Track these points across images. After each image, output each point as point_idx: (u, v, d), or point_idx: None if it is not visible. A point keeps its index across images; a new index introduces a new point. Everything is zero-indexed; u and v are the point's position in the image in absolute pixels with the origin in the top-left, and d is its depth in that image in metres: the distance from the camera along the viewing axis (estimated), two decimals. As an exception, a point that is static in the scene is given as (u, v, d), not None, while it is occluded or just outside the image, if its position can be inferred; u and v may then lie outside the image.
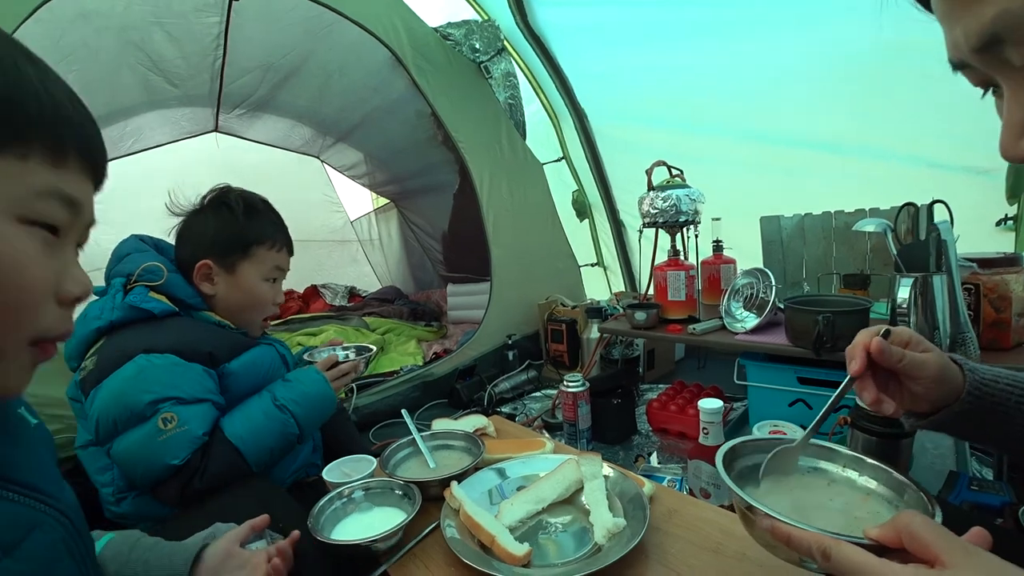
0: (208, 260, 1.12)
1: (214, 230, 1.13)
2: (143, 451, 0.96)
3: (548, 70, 2.61)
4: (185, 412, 0.98)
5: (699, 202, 1.72)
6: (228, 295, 1.16)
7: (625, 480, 0.96)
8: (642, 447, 1.70)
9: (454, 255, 3.79)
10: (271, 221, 1.19)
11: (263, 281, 1.18)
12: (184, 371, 1.02)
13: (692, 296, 1.77)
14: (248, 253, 1.15)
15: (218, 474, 0.99)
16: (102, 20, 2.04)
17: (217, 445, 1.01)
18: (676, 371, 2.45)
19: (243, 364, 1.13)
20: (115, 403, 0.96)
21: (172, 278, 1.09)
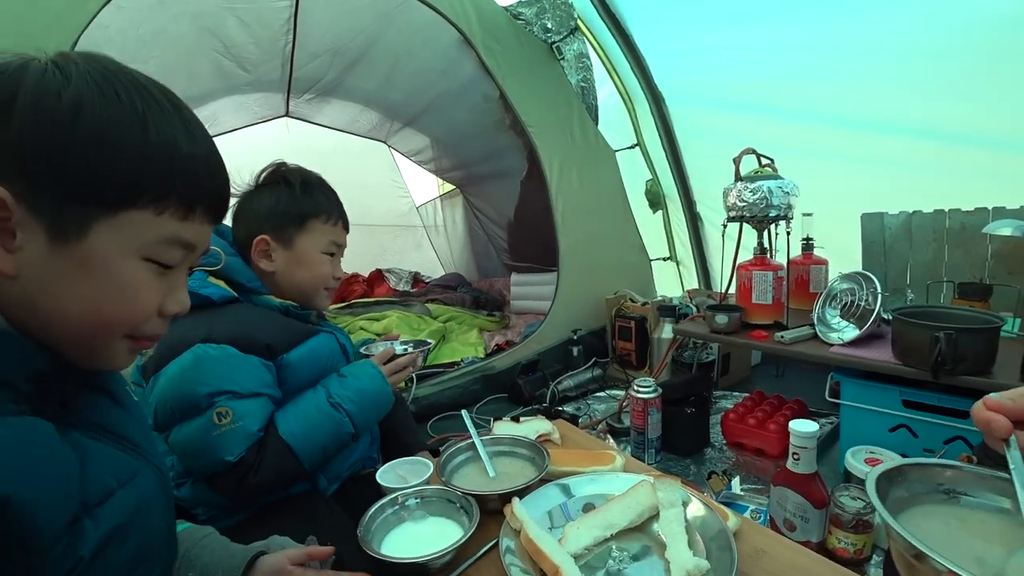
0: (265, 235, 1.10)
1: (270, 204, 1.11)
2: (198, 444, 0.95)
3: (624, 50, 2.45)
4: (240, 407, 0.97)
5: (792, 195, 1.55)
6: (288, 270, 1.13)
7: (708, 512, 0.85)
8: (715, 462, 1.57)
9: (519, 243, 3.72)
10: (326, 195, 1.16)
11: (322, 255, 1.15)
12: (241, 363, 0.99)
13: (779, 299, 1.61)
14: (304, 226, 1.12)
15: (272, 471, 0.98)
16: (178, 7, 2.08)
17: (271, 442, 0.99)
18: (752, 378, 2.28)
19: (302, 355, 1.09)
20: (172, 393, 0.95)
21: (231, 262, 1.07)
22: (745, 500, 1.17)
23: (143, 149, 0.48)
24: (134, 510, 0.53)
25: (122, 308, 0.51)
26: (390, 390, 1.14)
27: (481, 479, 1.01)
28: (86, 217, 0.47)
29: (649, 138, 2.67)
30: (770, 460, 1.54)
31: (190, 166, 0.51)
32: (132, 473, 0.55)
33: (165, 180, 0.49)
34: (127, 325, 0.52)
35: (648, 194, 2.76)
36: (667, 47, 2.36)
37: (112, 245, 0.48)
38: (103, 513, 0.49)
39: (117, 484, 0.52)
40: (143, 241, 0.50)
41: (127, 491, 0.53)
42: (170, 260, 0.53)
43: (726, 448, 1.64)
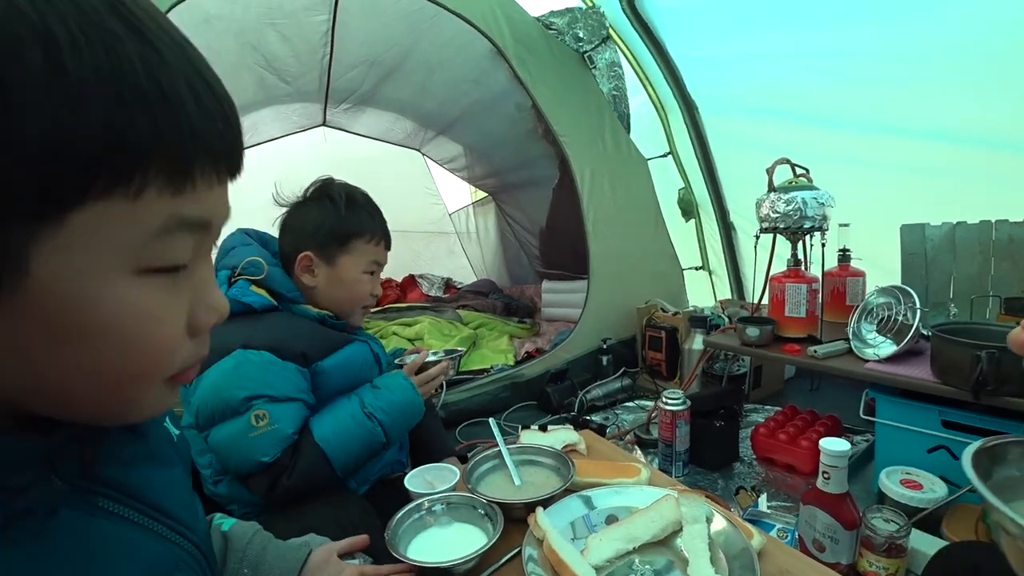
0: (309, 252, 1.14)
1: (315, 221, 1.15)
2: (236, 444, 1.00)
3: (656, 58, 2.44)
4: (276, 410, 1.01)
5: (828, 206, 1.52)
6: (328, 287, 1.16)
7: (732, 530, 0.84)
8: (744, 477, 1.54)
9: (551, 251, 3.72)
10: (370, 215, 1.19)
11: (362, 274, 1.18)
12: (278, 369, 1.04)
13: (813, 312, 1.58)
14: (347, 245, 1.15)
15: (305, 474, 1.02)
16: (223, 24, 2.18)
17: (306, 446, 1.03)
18: (785, 392, 2.22)
19: (336, 363, 1.14)
20: (213, 395, 1.00)
21: (272, 272, 1.11)
22: (772, 518, 1.15)
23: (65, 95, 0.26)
24: None
25: (135, 356, 0.34)
26: (421, 401, 1.18)
27: (506, 487, 1.03)
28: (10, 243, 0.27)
29: (682, 146, 2.65)
30: (801, 477, 1.51)
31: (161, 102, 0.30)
32: (169, 569, 0.43)
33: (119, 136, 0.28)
34: (151, 373, 0.36)
35: (681, 203, 2.74)
36: (700, 54, 2.34)
37: (72, 272, 0.29)
38: None
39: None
40: (124, 246, 0.31)
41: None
42: (179, 257, 0.34)
43: (756, 463, 1.61)
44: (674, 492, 0.93)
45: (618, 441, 1.79)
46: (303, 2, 2.26)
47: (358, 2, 2.27)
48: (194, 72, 0.32)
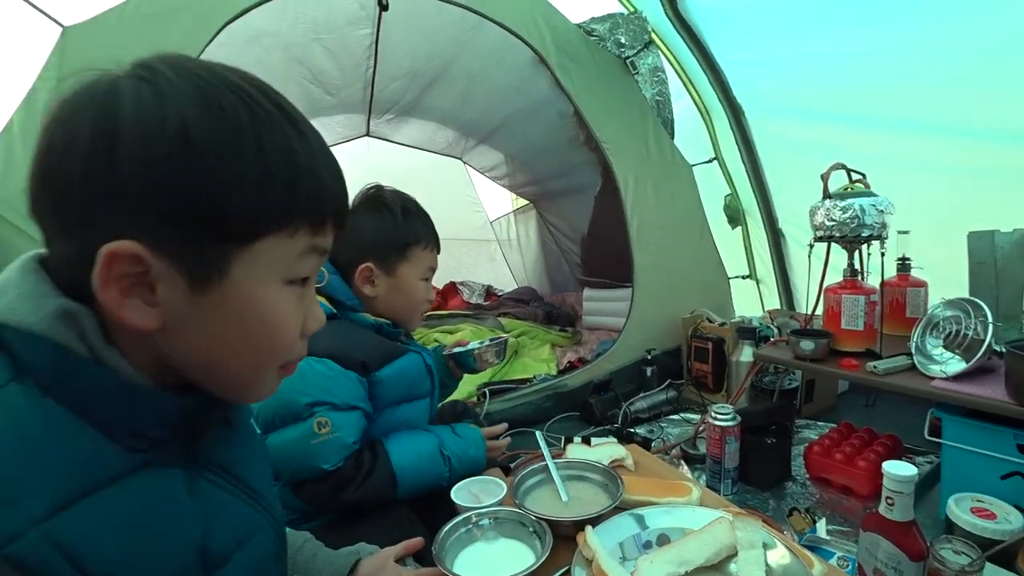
0: (369, 263, 1.15)
1: (373, 231, 1.15)
2: (297, 450, 1.02)
3: (700, 62, 2.39)
4: (338, 419, 1.04)
5: (887, 213, 1.45)
6: (388, 296, 1.18)
7: (792, 559, 0.81)
8: (797, 498, 1.48)
9: (593, 259, 3.69)
10: (424, 222, 1.21)
11: (419, 281, 1.20)
12: (339, 377, 1.06)
13: (872, 325, 1.51)
14: (406, 254, 1.17)
15: (372, 492, 1.05)
16: (271, 39, 2.26)
17: (382, 467, 1.07)
18: (838, 407, 2.12)
19: (392, 373, 1.15)
20: (276, 400, 1.02)
21: (333, 280, 1.13)
22: (831, 545, 1.10)
23: (265, 170, 0.42)
24: (248, 572, 0.51)
25: (270, 343, 0.48)
26: (484, 462, 1.22)
27: (554, 503, 1.02)
28: (225, 256, 0.42)
29: (728, 151, 2.59)
30: (858, 500, 1.43)
31: (313, 178, 0.46)
32: (252, 530, 0.53)
33: (294, 198, 0.44)
34: (277, 358, 0.50)
35: (727, 209, 2.67)
36: (745, 57, 2.28)
37: (252, 279, 0.44)
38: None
39: (237, 546, 0.50)
40: (281, 265, 0.46)
41: (245, 553, 0.50)
42: (307, 271, 0.49)
43: (809, 483, 1.55)
44: (728, 514, 0.90)
45: (664, 456, 1.76)
46: (347, 17, 2.32)
47: (401, 16, 2.31)
48: (329, 157, 0.49)
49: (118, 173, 0.38)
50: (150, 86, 0.40)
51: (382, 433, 1.18)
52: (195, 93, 0.40)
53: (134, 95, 0.39)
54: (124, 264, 0.39)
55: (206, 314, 0.44)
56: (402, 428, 1.21)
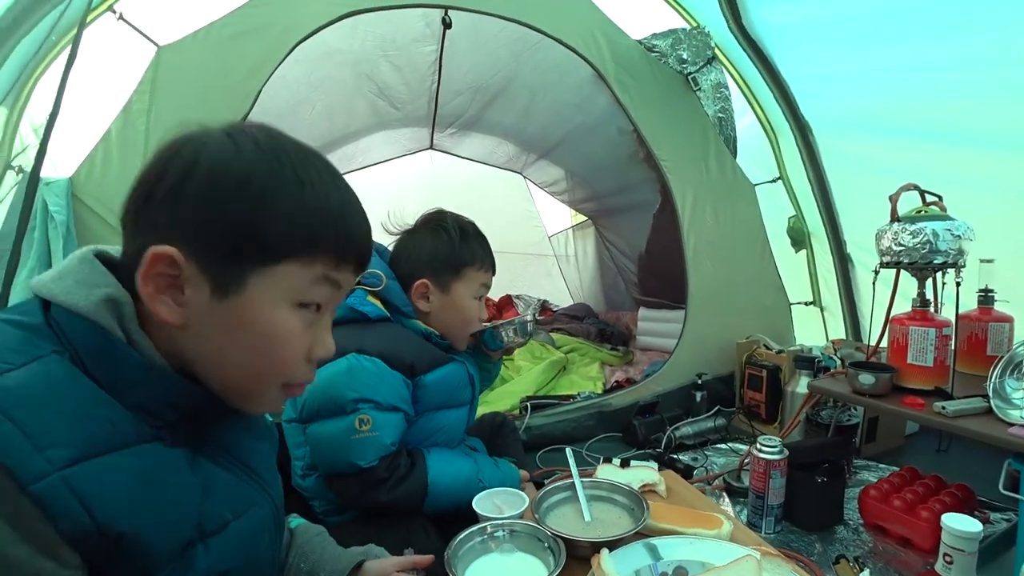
0: (425, 279, 1.20)
1: (431, 250, 1.21)
2: (337, 443, 1.06)
3: (765, 78, 2.29)
4: (380, 418, 1.08)
5: (965, 239, 1.32)
6: (441, 313, 1.23)
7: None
8: (847, 544, 1.36)
9: (649, 278, 3.62)
10: (480, 244, 1.26)
11: (472, 300, 1.24)
12: (387, 377, 1.10)
13: (943, 362, 1.37)
14: (460, 274, 1.22)
15: (403, 498, 1.09)
16: (341, 56, 2.38)
17: (418, 476, 1.11)
18: (906, 449, 1.94)
19: (437, 379, 1.20)
20: (322, 392, 1.07)
21: (391, 285, 1.19)
22: (878, 597, 1.01)
23: (300, 209, 0.52)
24: (244, 542, 0.58)
25: (270, 358, 0.54)
26: None
27: (575, 522, 1.00)
28: (246, 273, 0.50)
29: (793, 171, 2.46)
30: (918, 554, 1.30)
31: (339, 224, 0.55)
32: (248, 504, 0.59)
33: (316, 236, 0.53)
34: (278, 374, 0.56)
35: (791, 232, 2.53)
36: (813, 72, 2.16)
37: (266, 296, 0.52)
38: (215, 543, 0.53)
39: (232, 516, 0.56)
40: (295, 289, 0.53)
41: (240, 523, 0.57)
42: (319, 297, 0.55)
43: (862, 530, 1.42)
44: (756, 553, 0.85)
45: (705, 486, 1.67)
46: (413, 35, 2.42)
47: (464, 33, 2.38)
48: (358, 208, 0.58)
49: (184, 199, 0.49)
50: (233, 144, 0.51)
51: (419, 437, 1.21)
52: (268, 150, 0.52)
53: (218, 146, 0.51)
54: (162, 264, 0.48)
55: (221, 320, 0.51)
56: (439, 434, 1.24)
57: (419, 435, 1.21)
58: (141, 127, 1.77)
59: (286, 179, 0.51)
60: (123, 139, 1.76)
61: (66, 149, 1.82)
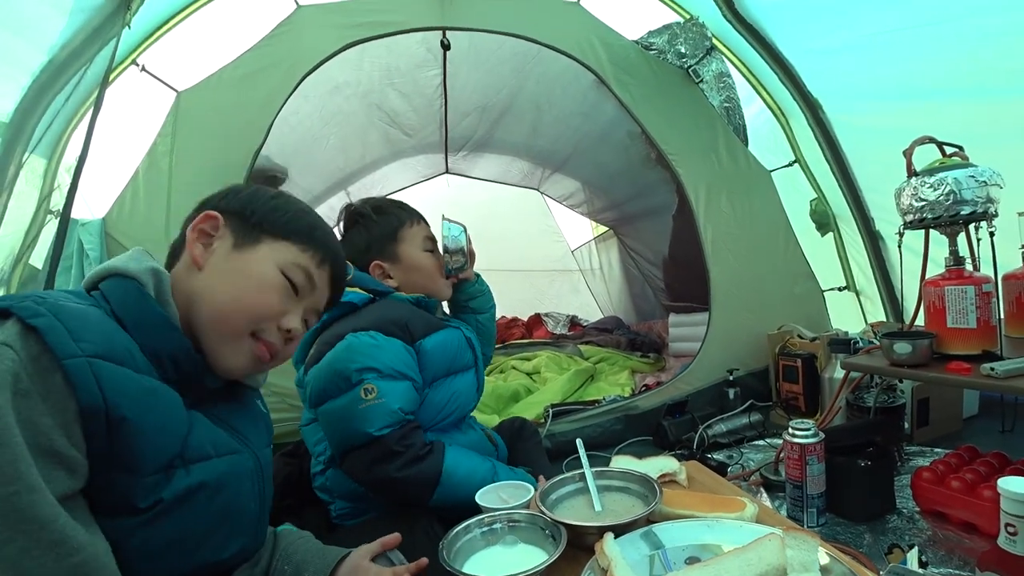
0: (376, 261, 1.28)
1: (364, 238, 1.30)
2: (345, 414, 1.08)
3: (767, 60, 2.23)
4: (384, 386, 1.08)
5: (992, 185, 1.22)
6: (406, 278, 1.29)
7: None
8: (901, 533, 1.23)
9: (676, 282, 3.53)
10: (399, 208, 1.34)
11: (423, 252, 1.31)
12: (385, 345, 1.13)
13: (987, 322, 1.25)
14: (397, 238, 1.29)
15: (412, 479, 1.07)
16: (350, 89, 2.46)
17: (433, 463, 1.10)
18: (964, 433, 1.78)
19: (436, 343, 1.22)
20: (327, 371, 1.11)
21: (358, 274, 1.25)
22: (928, 579, 0.89)
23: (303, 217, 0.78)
24: (224, 476, 0.66)
25: (257, 300, 0.70)
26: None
27: (586, 513, 0.94)
28: (261, 237, 0.73)
29: (808, 152, 2.36)
30: (984, 539, 1.16)
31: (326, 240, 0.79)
32: (231, 450, 0.69)
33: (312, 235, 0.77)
34: (254, 317, 0.70)
35: (813, 215, 2.42)
36: (815, 46, 2.08)
37: (267, 255, 0.73)
38: (196, 468, 0.62)
39: (215, 453, 0.65)
40: (283, 259, 0.73)
41: (222, 461, 0.66)
42: (296, 279, 0.74)
43: (919, 517, 1.28)
44: (779, 531, 0.77)
45: (741, 483, 1.56)
46: (416, 60, 2.48)
47: (464, 54, 2.43)
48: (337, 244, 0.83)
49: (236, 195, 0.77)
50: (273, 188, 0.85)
51: (434, 411, 1.22)
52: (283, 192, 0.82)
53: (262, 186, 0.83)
54: (207, 222, 0.72)
55: (231, 264, 0.71)
56: (452, 402, 1.25)
57: (434, 407, 1.21)
58: (165, 166, 1.88)
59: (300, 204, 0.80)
60: (149, 178, 1.87)
61: (99, 192, 1.96)
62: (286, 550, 0.80)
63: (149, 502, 0.57)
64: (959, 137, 1.39)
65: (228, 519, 0.67)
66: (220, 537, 0.66)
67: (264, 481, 0.74)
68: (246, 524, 0.71)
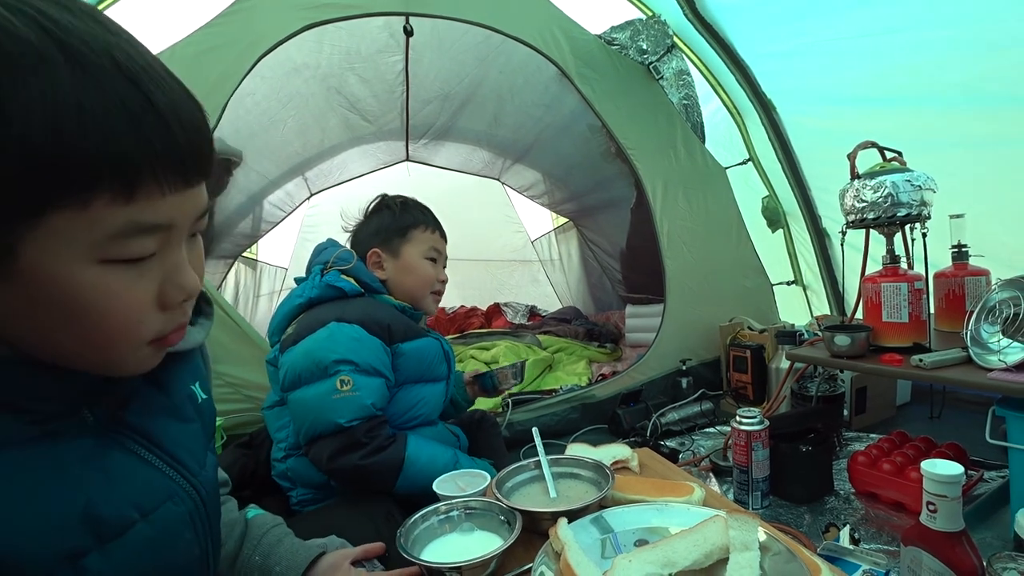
0: (376, 248, 1.30)
1: (376, 225, 1.33)
2: (317, 403, 1.09)
3: (726, 62, 2.30)
4: (360, 380, 1.10)
5: (926, 189, 1.30)
6: (398, 277, 1.31)
7: (791, 560, 0.70)
8: (838, 513, 1.31)
9: (633, 274, 3.60)
10: (422, 210, 1.36)
11: (424, 260, 1.32)
12: (366, 341, 1.14)
13: (918, 317, 1.34)
14: (407, 236, 1.31)
15: (376, 467, 1.09)
16: (309, 71, 2.38)
17: (395, 451, 1.11)
18: (898, 419, 1.90)
19: (413, 349, 1.24)
20: (304, 357, 1.12)
21: (358, 265, 1.27)
22: (857, 557, 0.96)
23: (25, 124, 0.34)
24: (155, 546, 0.50)
25: (98, 326, 0.42)
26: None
27: (542, 500, 0.96)
28: (9, 234, 0.36)
29: (762, 151, 2.45)
30: (911, 516, 1.25)
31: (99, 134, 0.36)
32: (161, 499, 0.52)
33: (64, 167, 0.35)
34: (120, 339, 0.44)
35: (765, 212, 2.51)
36: (770, 49, 2.17)
37: (48, 259, 0.38)
38: (116, 548, 0.46)
39: (139, 515, 0.48)
40: (86, 243, 0.38)
41: (149, 524, 0.49)
42: (139, 252, 0.41)
43: (854, 498, 1.37)
44: (723, 513, 0.81)
45: (691, 468, 1.63)
46: (377, 46, 2.42)
47: (427, 40, 2.39)
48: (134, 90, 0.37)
49: None
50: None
51: (399, 410, 1.23)
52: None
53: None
54: None
55: (17, 301, 0.39)
56: (417, 407, 1.26)
57: (399, 408, 1.23)
58: (109, 146, 1.76)
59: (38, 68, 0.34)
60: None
61: None
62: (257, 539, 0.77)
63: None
64: (899, 142, 1.47)
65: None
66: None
67: (209, 516, 0.59)
68: (192, 573, 0.58)
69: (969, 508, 1.20)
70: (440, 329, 3.99)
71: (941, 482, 0.84)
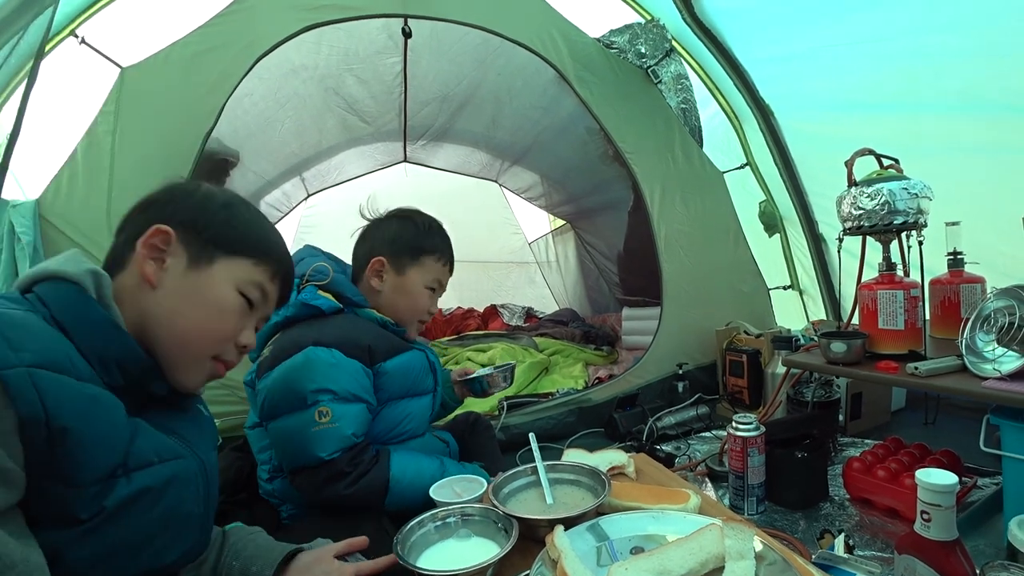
0: (383, 257, 1.23)
1: (394, 233, 1.25)
2: (297, 436, 1.05)
3: (724, 66, 2.30)
4: (339, 409, 1.06)
5: (923, 197, 1.31)
6: (392, 295, 1.24)
7: (786, 570, 0.70)
8: (832, 520, 1.32)
9: (630, 276, 3.61)
10: (443, 239, 1.29)
11: (424, 288, 1.26)
12: (344, 366, 1.09)
13: (914, 324, 1.35)
14: (418, 259, 1.24)
15: (363, 492, 1.06)
16: (307, 72, 2.38)
17: (379, 473, 1.08)
18: (892, 425, 1.91)
19: (397, 365, 1.18)
20: (282, 386, 1.07)
21: (337, 277, 1.20)
22: (852, 566, 0.96)
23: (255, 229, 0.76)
24: (167, 482, 0.64)
25: (219, 326, 0.71)
26: None
27: (538, 506, 0.95)
28: (215, 255, 0.71)
29: (760, 156, 2.46)
30: (905, 523, 1.26)
31: (279, 253, 0.79)
32: (174, 455, 0.66)
33: (266, 248, 0.76)
34: (216, 342, 0.72)
35: (762, 216, 2.52)
36: (769, 54, 2.17)
37: (225, 275, 0.71)
38: (137, 476, 0.60)
39: (157, 459, 0.63)
40: (240, 278, 0.73)
41: (164, 466, 0.64)
42: (252, 296, 0.74)
43: (848, 504, 1.37)
44: (718, 521, 0.81)
45: (687, 473, 1.63)
46: (376, 47, 2.42)
47: (426, 42, 2.39)
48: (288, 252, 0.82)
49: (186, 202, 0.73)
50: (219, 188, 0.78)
51: (385, 427, 1.19)
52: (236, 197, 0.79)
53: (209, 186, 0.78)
54: (158, 237, 0.68)
55: (187, 286, 0.69)
56: (404, 423, 1.22)
57: (385, 425, 1.19)
58: (107, 148, 1.75)
59: (252, 213, 0.78)
60: (89, 160, 1.75)
61: (33, 171, 1.82)
62: (235, 546, 0.79)
63: (90, 513, 0.55)
64: (896, 148, 1.47)
65: (172, 524, 0.65)
66: (164, 542, 0.64)
67: (209, 484, 0.72)
68: (191, 527, 0.69)
69: (963, 515, 1.21)
70: (437, 330, 3.98)
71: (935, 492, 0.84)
